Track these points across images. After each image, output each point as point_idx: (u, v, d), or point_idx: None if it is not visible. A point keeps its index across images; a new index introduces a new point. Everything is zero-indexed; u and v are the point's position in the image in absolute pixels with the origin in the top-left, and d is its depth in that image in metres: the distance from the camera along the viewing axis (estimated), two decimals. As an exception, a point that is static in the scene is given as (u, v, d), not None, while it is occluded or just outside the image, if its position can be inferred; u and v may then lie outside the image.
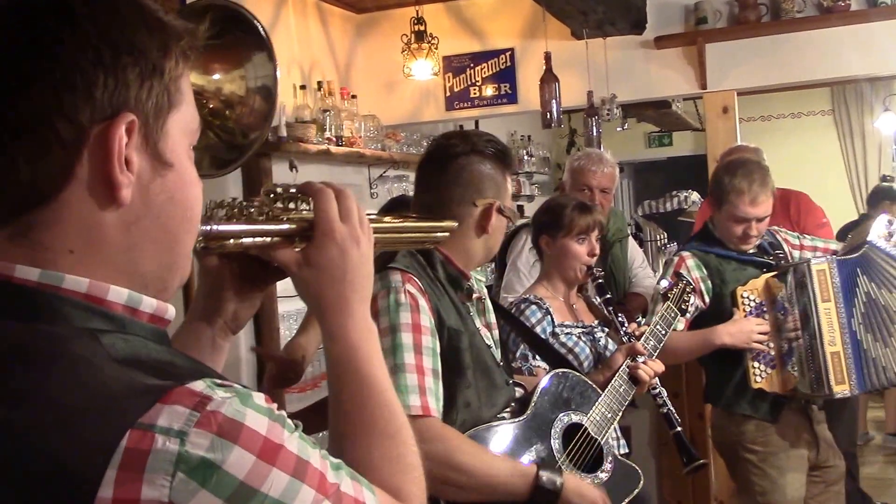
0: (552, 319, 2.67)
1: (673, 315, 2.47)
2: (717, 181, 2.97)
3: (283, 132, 4.01)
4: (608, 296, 2.76)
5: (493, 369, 1.92)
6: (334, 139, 4.36)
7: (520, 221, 3.99)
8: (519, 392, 2.00)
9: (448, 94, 5.12)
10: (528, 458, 1.89)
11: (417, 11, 4.66)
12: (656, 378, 2.33)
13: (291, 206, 1.03)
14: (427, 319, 1.78)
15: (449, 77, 5.10)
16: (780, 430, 2.90)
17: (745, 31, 4.66)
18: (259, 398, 0.74)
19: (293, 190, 1.04)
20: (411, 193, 2.30)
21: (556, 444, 1.94)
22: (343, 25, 5.09)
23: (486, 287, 2.21)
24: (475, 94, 5.08)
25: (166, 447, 0.67)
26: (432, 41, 4.68)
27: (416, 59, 4.66)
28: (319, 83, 4.54)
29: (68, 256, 0.76)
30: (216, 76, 1.22)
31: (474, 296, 1.99)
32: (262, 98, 1.24)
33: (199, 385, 0.71)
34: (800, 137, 8.43)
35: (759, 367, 2.85)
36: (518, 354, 2.53)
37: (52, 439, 0.68)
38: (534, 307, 2.66)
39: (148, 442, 0.67)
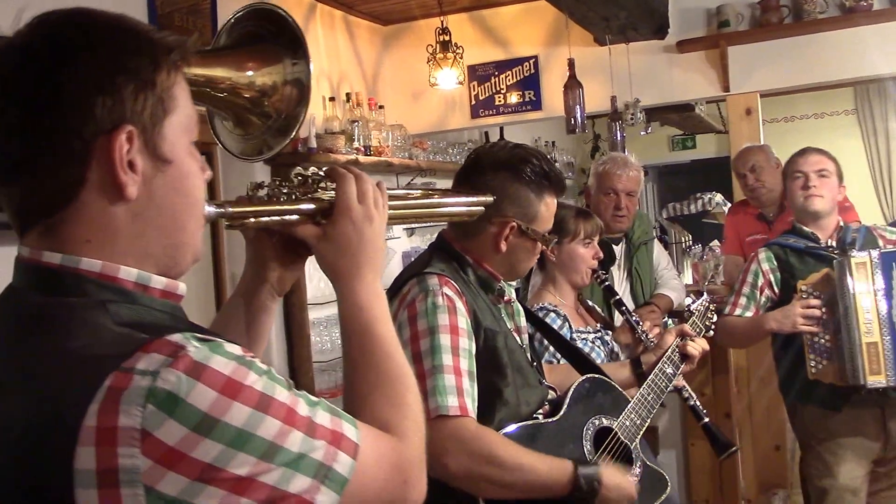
0: (570, 326, 2.71)
1: (697, 331, 2.49)
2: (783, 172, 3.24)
3: (314, 143, 4.08)
4: (618, 297, 2.81)
5: (527, 368, 1.95)
6: (363, 149, 4.42)
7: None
8: (551, 394, 2.02)
9: (473, 102, 5.18)
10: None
11: (442, 21, 4.72)
12: (681, 378, 2.37)
13: (321, 186, 1.19)
14: (464, 321, 1.80)
15: (474, 85, 5.16)
16: (843, 418, 2.94)
17: (767, 33, 4.66)
18: (231, 347, 0.87)
19: (320, 173, 1.20)
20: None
21: (587, 445, 1.96)
22: (370, 37, 5.17)
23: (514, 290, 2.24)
24: (500, 101, 5.14)
25: (140, 384, 0.80)
26: (457, 50, 4.73)
27: (442, 68, 4.72)
28: (348, 94, 4.62)
29: (85, 245, 0.90)
30: (250, 73, 1.33)
31: (505, 298, 2.02)
32: (296, 88, 1.34)
33: (175, 336, 0.84)
34: (823, 138, 8.37)
35: (815, 359, 2.92)
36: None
37: (55, 382, 0.83)
38: (552, 315, 2.69)
39: (126, 381, 0.80)
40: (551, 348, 2.50)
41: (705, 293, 2.83)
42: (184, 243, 0.98)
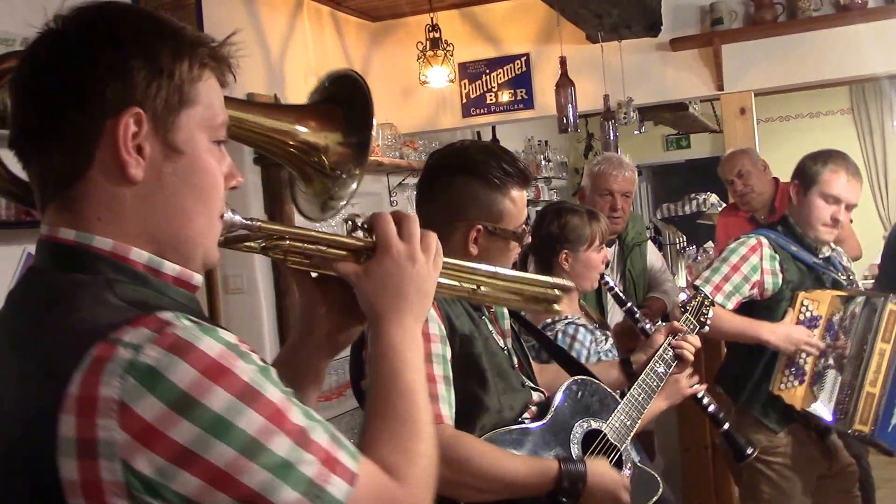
0: (595, 340, 2.61)
1: (692, 327, 2.42)
2: (804, 168, 2.86)
3: (301, 142, 4.01)
4: (629, 304, 2.71)
5: (508, 372, 1.92)
6: (351, 148, 4.36)
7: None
8: (538, 397, 1.99)
9: (464, 100, 5.12)
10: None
11: (432, 18, 4.66)
12: (697, 382, 2.33)
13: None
14: (436, 327, 1.77)
15: (465, 84, 5.10)
16: (793, 441, 2.83)
17: (761, 31, 4.63)
18: (226, 335, 0.87)
19: (366, 219, 1.15)
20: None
21: (575, 449, 1.93)
22: (358, 34, 5.10)
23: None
24: (491, 100, 5.08)
25: (122, 356, 0.81)
26: (447, 48, 4.68)
27: (432, 66, 4.66)
28: (336, 92, 4.55)
29: (97, 222, 0.93)
30: (304, 129, 1.40)
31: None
32: (353, 150, 1.40)
33: (167, 314, 0.86)
34: (819, 137, 8.32)
35: (787, 376, 2.77)
36: None
37: (48, 352, 0.86)
38: (582, 329, 2.57)
39: (111, 352, 0.82)
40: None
41: (703, 288, 2.72)
42: (191, 238, 0.98)
